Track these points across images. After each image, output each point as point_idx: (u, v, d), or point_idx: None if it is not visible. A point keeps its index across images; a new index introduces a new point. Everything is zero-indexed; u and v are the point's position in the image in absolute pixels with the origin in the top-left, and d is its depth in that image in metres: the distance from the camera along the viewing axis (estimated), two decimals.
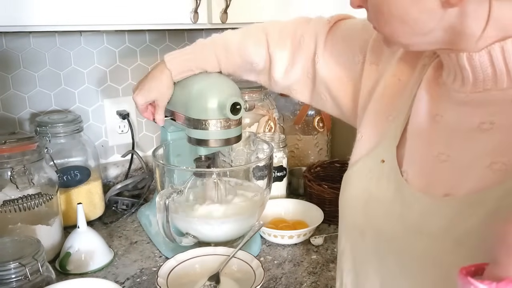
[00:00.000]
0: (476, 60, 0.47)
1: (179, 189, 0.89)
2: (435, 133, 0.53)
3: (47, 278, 0.74)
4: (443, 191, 0.50)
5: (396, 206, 0.54)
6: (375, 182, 0.58)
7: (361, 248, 0.60)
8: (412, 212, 0.52)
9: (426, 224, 0.50)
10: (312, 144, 1.42)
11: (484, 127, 0.48)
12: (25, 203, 0.90)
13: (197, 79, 0.87)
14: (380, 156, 0.59)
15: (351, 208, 0.62)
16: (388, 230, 0.55)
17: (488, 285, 0.36)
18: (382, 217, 0.56)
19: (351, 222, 0.62)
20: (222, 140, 0.88)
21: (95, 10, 0.87)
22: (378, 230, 0.57)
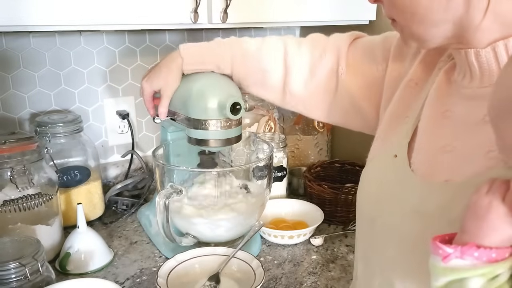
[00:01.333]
0: (483, 56, 0.52)
1: (179, 189, 0.89)
2: (443, 127, 0.58)
3: (47, 278, 0.74)
4: (444, 177, 0.54)
5: (400, 192, 0.59)
6: (387, 174, 0.63)
7: (370, 236, 0.65)
8: (413, 196, 0.57)
9: (424, 206, 0.54)
10: (312, 144, 1.42)
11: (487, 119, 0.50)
12: (25, 203, 0.90)
13: (197, 79, 0.87)
14: (393, 152, 0.63)
15: (364, 199, 0.67)
16: (392, 215, 0.59)
17: (454, 249, 0.41)
18: (389, 204, 0.61)
19: (365, 212, 0.67)
20: (222, 140, 0.88)
21: (95, 10, 0.87)
22: (384, 217, 0.61)
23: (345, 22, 1.18)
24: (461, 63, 0.56)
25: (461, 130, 0.56)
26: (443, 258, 0.41)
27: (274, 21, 1.08)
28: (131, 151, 1.30)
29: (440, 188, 0.54)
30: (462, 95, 0.57)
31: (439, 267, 0.42)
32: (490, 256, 0.40)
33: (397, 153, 0.63)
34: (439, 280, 0.42)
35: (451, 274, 0.41)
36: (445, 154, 0.56)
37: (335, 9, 1.13)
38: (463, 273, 0.40)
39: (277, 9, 1.06)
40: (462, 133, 0.55)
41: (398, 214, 0.59)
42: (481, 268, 0.40)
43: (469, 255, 0.40)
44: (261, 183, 1.03)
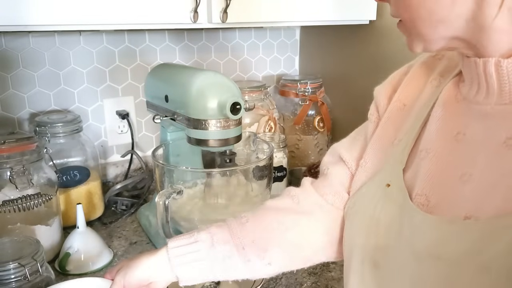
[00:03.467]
0: (504, 67, 0.45)
1: (179, 189, 0.88)
2: (457, 153, 0.50)
3: (46, 278, 0.74)
4: (463, 213, 0.46)
5: (406, 231, 0.51)
6: (381, 208, 0.55)
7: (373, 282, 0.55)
8: (426, 237, 0.48)
9: (444, 250, 0.46)
10: (312, 144, 1.42)
11: (511, 143, 0.45)
12: (25, 203, 0.90)
13: (197, 79, 0.87)
14: (384, 180, 0.56)
15: (359, 240, 0.58)
16: (401, 260, 0.51)
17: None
18: (394, 247, 0.52)
19: (360, 254, 0.57)
20: (222, 140, 0.88)
21: (95, 10, 0.87)
22: (391, 261, 0.53)
23: (346, 22, 1.18)
24: (474, 75, 0.48)
25: (479, 156, 0.48)
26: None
27: (274, 21, 1.08)
28: (130, 151, 1.30)
29: (461, 227, 0.46)
30: (476, 114, 0.49)
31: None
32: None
33: (390, 182, 0.55)
34: None
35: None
36: (462, 185, 0.48)
37: (335, 9, 1.13)
38: None
39: (277, 9, 1.06)
40: (479, 159, 0.47)
41: (409, 259, 0.50)
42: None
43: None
44: (261, 183, 1.02)
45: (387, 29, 1.19)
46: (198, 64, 1.43)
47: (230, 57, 1.48)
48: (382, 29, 1.21)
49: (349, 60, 1.37)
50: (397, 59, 1.16)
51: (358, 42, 1.30)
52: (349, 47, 1.36)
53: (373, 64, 1.26)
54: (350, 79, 1.37)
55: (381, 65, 1.22)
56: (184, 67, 1.18)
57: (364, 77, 1.31)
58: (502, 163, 0.45)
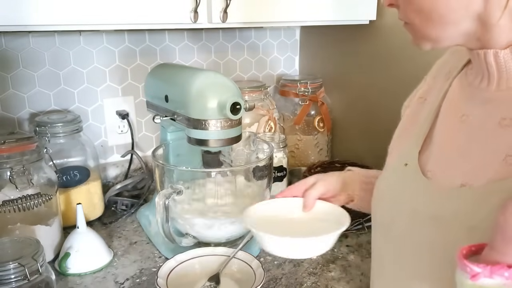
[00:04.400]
0: (501, 57, 0.52)
1: (179, 189, 0.88)
2: (460, 132, 0.58)
3: (46, 278, 0.74)
4: (460, 182, 0.54)
5: (414, 200, 0.60)
6: (399, 183, 0.64)
7: (385, 243, 0.66)
8: (428, 203, 0.57)
9: (441, 212, 0.55)
10: (312, 144, 1.42)
11: (504, 123, 0.53)
12: (25, 203, 0.90)
13: (197, 79, 0.87)
14: (403, 160, 0.65)
15: (379, 208, 0.69)
16: (407, 222, 0.60)
17: (482, 268, 0.40)
18: (403, 212, 0.61)
19: (379, 220, 0.68)
20: (222, 140, 0.88)
21: (95, 10, 0.87)
22: (399, 224, 0.62)
23: (346, 22, 1.18)
24: (479, 65, 0.55)
25: (477, 134, 0.55)
26: (471, 277, 0.41)
27: (274, 21, 1.08)
28: (130, 151, 1.30)
29: (456, 193, 0.54)
30: (478, 99, 0.57)
31: (467, 284, 0.42)
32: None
33: (408, 161, 0.64)
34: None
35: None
36: (461, 158, 0.56)
37: (335, 9, 1.13)
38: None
39: (277, 9, 1.06)
40: (478, 137, 0.55)
41: (413, 221, 0.59)
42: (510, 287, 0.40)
43: (499, 275, 0.40)
44: (261, 183, 1.02)
45: (387, 29, 1.19)
46: (198, 64, 1.43)
47: (230, 57, 1.48)
48: (382, 29, 1.21)
49: (349, 60, 1.37)
50: (397, 59, 1.17)
51: (358, 42, 1.30)
52: (349, 47, 1.36)
53: (373, 64, 1.26)
54: (350, 79, 1.37)
55: (381, 65, 1.22)
56: (184, 67, 1.18)
57: (364, 77, 1.31)
58: (495, 140, 0.53)
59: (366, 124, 1.32)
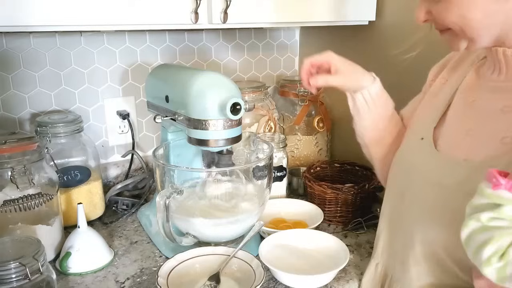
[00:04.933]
0: (509, 55, 0.62)
1: (179, 189, 0.89)
2: (469, 114, 0.69)
3: (47, 278, 0.74)
4: (463, 156, 0.65)
5: (426, 169, 0.70)
6: (415, 154, 0.75)
7: (399, 207, 0.77)
8: (437, 172, 0.68)
9: (445, 180, 0.66)
10: (312, 144, 1.42)
11: (505, 110, 0.63)
12: (26, 203, 0.91)
13: (197, 79, 0.87)
14: (420, 135, 0.75)
15: (396, 176, 0.79)
16: (418, 187, 0.71)
17: (506, 181, 0.48)
18: (416, 179, 0.72)
19: (395, 187, 0.79)
20: (222, 140, 0.88)
21: (95, 10, 0.88)
22: (412, 189, 0.72)
23: (345, 22, 1.18)
24: (492, 59, 0.66)
25: (482, 117, 0.66)
26: (493, 186, 0.49)
27: (274, 21, 1.08)
28: (131, 151, 1.30)
29: (459, 165, 0.65)
30: (488, 88, 0.67)
31: (486, 192, 0.50)
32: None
33: (424, 136, 0.73)
34: (480, 200, 0.50)
35: (494, 198, 0.49)
36: (467, 137, 0.66)
37: (335, 9, 1.13)
38: (504, 201, 0.48)
39: (277, 9, 1.06)
40: (483, 120, 0.65)
41: (423, 187, 0.70)
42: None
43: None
44: (261, 183, 1.03)
45: (386, 30, 1.19)
46: (198, 65, 1.43)
47: (230, 57, 1.48)
48: (381, 30, 1.21)
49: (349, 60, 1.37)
50: (396, 59, 1.17)
51: (357, 42, 1.30)
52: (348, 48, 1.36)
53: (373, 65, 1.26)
54: None
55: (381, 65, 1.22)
56: (185, 68, 1.18)
57: None
58: (496, 123, 0.63)
59: None
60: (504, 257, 0.48)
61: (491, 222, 0.50)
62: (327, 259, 0.94)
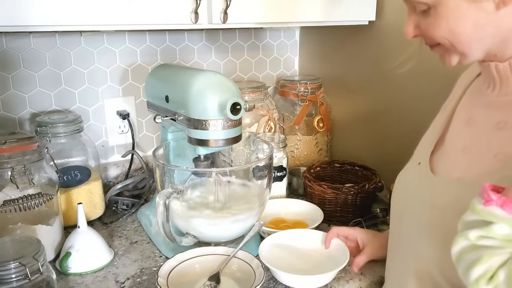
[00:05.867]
0: (501, 69, 0.61)
1: (179, 189, 0.89)
2: (465, 133, 0.68)
3: (47, 278, 0.74)
4: (457, 175, 0.64)
5: (422, 191, 0.69)
6: (412, 179, 0.75)
7: (398, 230, 0.75)
8: (432, 193, 0.67)
9: (439, 201, 0.64)
10: (312, 144, 1.42)
11: (500, 126, 0.61)
12: (25, 203, 0.90)
13: (197, 79, 0.87)
14: (418, 160, 0.75)
15: (395, 200, 0.78)
16: (415, 210, 0.69)
17: (497, 197, 0.46)
18: (413, 202, 0.71)
19: (395, 211, 0.78)
20: (222, 140, 0.88)
21: (95, 10, 0.88)
22: (409, 212, 0.71)
23: (345, 22, 1.18)
24: (486, 74, 0.65)
25: (478, 135, 0.64)
26: (484, 201, 0.46)
27: (274, 21, 1.08)
28: (131, 151, 1.30)
29: (452, 184, 0.64)
30: (483, 104, 0.66)
31: (477, 208, 0.47)
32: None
33: (421, 161, 0.73)
34: (471, 217, 0.48)
35: (484, 215, 0.46)
36: (463, 155, 0.65)
37: (335, 10, 1.13)
38: (495, 219, 0.46)
39: (277, 9, 1.06)
40: (478, 137, 0.64)
41: (418, 209, 0.69)
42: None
43: (509, 207, 0.45)
44: (261, 183, 1.03)
45: (386, 30, 1.19)
46: (198, 65, 1.43)
47: (230, 57, 1.48)
48: (381, 30, 1.21)
49: (349, 60, 1.37)
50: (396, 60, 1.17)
51: (357, 42, 1.30)
52: (348, 48, 1.37)
53: (372, 65, 1.26)
54: (350, 80, 1.38)
55: (380, 66, 1.22)
56: (184, 68, 1.18)
57: (363, 78, 1.31)
58: (491, 140, 0.62)
59: (366, 124, 1.32)
60: (493, 279, 0.45)
61: (480, 241, 0.47)
62: (327, 259, 0.94)
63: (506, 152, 0.58)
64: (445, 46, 0.62)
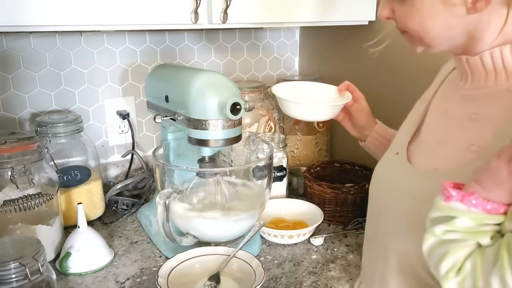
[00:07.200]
0: (471, 62, 0.63)
1: (179, 189, 0.89)
2: (441, 124, 0.69)
3: (47, 278, 0.74)
4: (433, 166, 0.65)
5: (401, 182, 0.70)
6: (390, 169, 0.75)
7: (376, 224, 0.76)
8: (410, 184, 0.67)
9: (418, 192, 0.65)
10: (312, 144, 1.42)
11: (472, 117, 0.63)
12: (26, 203, 0.91)
13: (197, 79, 0.87)
14: (395, 150, 0.76)
15: (373, 191, 0.79)
16: (394, 201, 0.70)
17: (457, 193, 0.49)
18: (391, 193, 0.71)
19: (372, 203, 0.78)
20: (222, 140, 0.88)
21: (95, 11, 0.88)
22: (388, 204, 0.72)
23: (345, 22, 1.18)
24: (460, 67, 0.66)
25: (453, 126, 0.66)
26: (445, 198, 0.50)
27: (274, 21, 1.08)
28: (131, 151, 1.30)
29: (429, 175, 0.65)
30: (457, 96, 0.67)
31: (440, 204, 0.51)
32: (485, 207, 0.48)
33: (399, 150, 0.74)
34: (435, 213, 0.51)
35: (447, 211, 0.50)
36: (438, 146, 0.67)
37: (335, 10, 1.13)
38: (456, 213, 0.49)
39: (277, 9, 1.06)
40: (453, 129, 0.66)
41: (396, 200, 0.69)
42: (474, 214, 0.48)
43: (467, 201, 0.48)
44: (261, 183, 1.03)
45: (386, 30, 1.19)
46: (198, 65, 1.43)
47: (230, 57, 1.48)
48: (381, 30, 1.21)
49: (349, 60, 1.37)
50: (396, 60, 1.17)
51: (357, 42, 1.30)
52: (348, 48, 1.36)
53: (372, 65, 1.26)
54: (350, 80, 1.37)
55: (380, 66, 1.22)
56: (184, 68, 1.18)
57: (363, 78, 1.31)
58: (464, 131, 0.64)
59: None
60: (461, 271, 0.48)
61: (446, 235, 0.49)
62: None
63: (479, 144, 0.60)
64: (413, 36, 0.65)
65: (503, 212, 0.48)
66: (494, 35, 0.59)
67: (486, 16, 0.57)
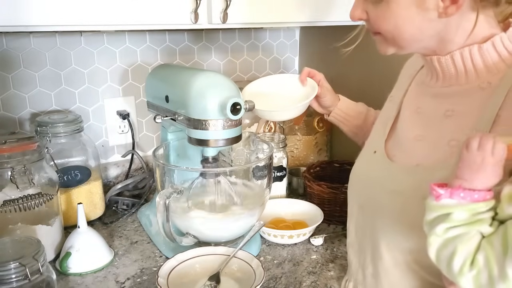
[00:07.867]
0: (443, 62, 0.65)
1: (179, 189, 0.89)
2: (416, 121, 0.71)
3: (47, 278, 0.74)
4: (415, 162, 0.67)
5: (382, 179, 0.72)
6: (370, 167, 0.77)
7: (360, 222, 0.78)
8: (393, 180, 0.69)
9: (401, 187, 0.67)
10: (312, 144, 1.42)
11: (448, 114, 0.65)
12: (26, 203, 0.91)
13: (197, 79, 0.87)
14: (372, 149, 0.77)
15: (353, 191, 0.80)
16: (376, 198, 0.72)
17: (444, 190, 0.51)
18: (373, 190, 0.73)
19: (354, 202, 0.80)
20: (222, 140, 0.88)
21: (96, 11, 0.87)
22: (371, 201, 0.74)
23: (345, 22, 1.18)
24: (429, 67, 0.69)
25: (429, 123, 0.68)
26: (435, 198, 0.51)
27: (274, 21, 1.08)
28: (131, 151, 1.30)
29: (413, 171, 0.66)
30: (429, 94, 0.70)
31: (432, 205, 0.52)
32: (473, 197, 0.50)
33: (376, 149, 0.76)
34: (431, 215, 0.52)
35: (440, 209, 0.51)
36: (417, 142, 0.69)
37: (335, 10, 1.13)
38: (450, 209, 0.50)
39: (277, 9, 1.06)
40: (429, 125, 0.68)
41: (379, 196, 0.71)
42: (465, 205, 0.50)
43: (456, 195, 0.50)
44: (261, 183, 1.03)
45: None
46: (198, 65, 1.43)
47: (230, 57, 1.48)
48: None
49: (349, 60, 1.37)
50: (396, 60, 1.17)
51: None
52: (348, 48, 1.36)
53: (372, 65, 1.26)
54: (350, 79, 1.37)
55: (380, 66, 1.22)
56: (184, 68, 1.18)
57: (363, 78, 1.31)
58: (442, 128, 0.66)
59: None
60: (474, 264, 0.49)
61: (448, 233, 0.51)
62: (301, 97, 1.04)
63: (459, 139, 0.62)
64: (386, 38, 0.67)
65: (490, 197, 0.50)
66: (464, 38, 0.62)
67: (457, 21, 0.61)
